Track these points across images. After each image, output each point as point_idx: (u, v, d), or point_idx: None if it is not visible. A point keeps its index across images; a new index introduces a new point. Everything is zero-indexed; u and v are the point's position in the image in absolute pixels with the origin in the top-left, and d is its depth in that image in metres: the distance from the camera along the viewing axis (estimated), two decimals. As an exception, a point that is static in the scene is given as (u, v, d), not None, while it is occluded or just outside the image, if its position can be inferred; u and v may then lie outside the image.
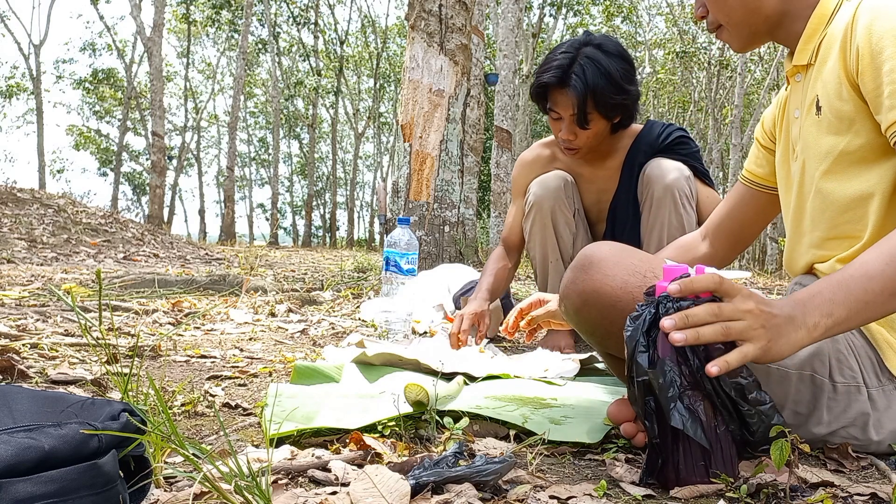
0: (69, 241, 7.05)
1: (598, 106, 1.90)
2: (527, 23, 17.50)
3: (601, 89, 1.87)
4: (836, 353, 1.09)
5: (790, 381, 1.08)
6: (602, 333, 1.15)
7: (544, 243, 2.14)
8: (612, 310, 1.09)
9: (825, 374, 1.08)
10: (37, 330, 2.01)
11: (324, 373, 1.52)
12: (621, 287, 1.09)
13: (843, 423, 1.09)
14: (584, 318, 1.15)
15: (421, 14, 4.22)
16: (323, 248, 15.54)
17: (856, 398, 1.09)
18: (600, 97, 1.88)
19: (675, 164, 1.96)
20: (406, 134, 4.29)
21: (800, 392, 1.08)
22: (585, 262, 1.12)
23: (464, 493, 0.86)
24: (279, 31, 22.52)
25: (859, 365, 1.10)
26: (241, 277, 3.75)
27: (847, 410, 1.09)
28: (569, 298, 1.15)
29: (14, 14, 25.59)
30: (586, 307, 1.12)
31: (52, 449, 0.64)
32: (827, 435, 1.10)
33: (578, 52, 1.89)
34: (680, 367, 0.91)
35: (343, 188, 28.07)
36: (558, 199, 2.10)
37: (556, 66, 1.89)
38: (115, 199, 22.97)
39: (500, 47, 9.60)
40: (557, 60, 1.90)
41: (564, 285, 1.17)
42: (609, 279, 1.09)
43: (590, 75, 1.86)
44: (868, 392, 1.09)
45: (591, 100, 1.88)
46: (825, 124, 1.12)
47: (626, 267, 1.10)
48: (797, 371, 1.08)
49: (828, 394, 1.08)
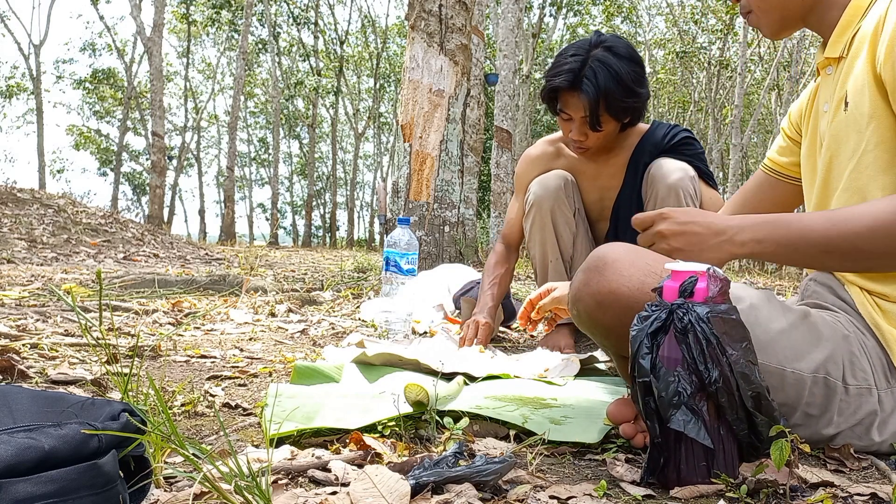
0: (69, 242, 7.05)
1: (610, 109, 1.90)
2: (527, 23, 17.49)
3: (613, 93, 1.87)
4: (850, 355, 1.09)
5: (805, 384, 1.07)
6: (617, 336, 1.10)
7: (544, 243, 2.15)
8: (629, 311, 1.04)
9: (839, 376, 1.08)
10: (37, 330, 2.01)
11: (324, 373, 1.52)
12: (638, 288, 1.06)
13: (851, 424, 1.09)
14: (599, 321, 1.11)
15: (421, 14, 4.22)
16: (323, 248, 15.54)
17: (866, 400, 1.08)
18: (612, 100, 1.88)
19: (680, 165, 1.96)
20: (406, 134, 4.29)
21: (813, 395, 1.08)
22: (599, 262, 1.09)
23: (464, 493, 0.86)
24: (279, 31, 22.51)
25: (871, 367, 1.10)
26: (241, 277, 3.75)
27: (857, 412, 1.09)
28: (582, 301, 1.11)
29: (14, 14, 25.58)
30: (601, 309, 1.08)
31: (52, 449, 0.64)
32: (834, 435, 1.10)
33: (589, 55, 1.89)
34: (690, 375, 0.90)
35: (343, 188, 28.07)
36: (558, 199, 2.11)
37: (567, 70, 1.90)
38: (115, 199, 22.97)
39: (500, 47, 9.59)
40: (568, 64, 1.90)
41: (576, 288, 1.12)
42: (626, 279, 1.06)
43: (601, 79, 1.86)
44: (878, 395, 1.09)
45: (604, 103, 1.89)
46: (852, 121, 1.11)
47: (641, 267, 1.07)
48: (812, 374, 1.07)
49: (840, 396, 1.08)
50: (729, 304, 0.93)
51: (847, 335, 1.11)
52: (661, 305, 0.94)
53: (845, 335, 1.11)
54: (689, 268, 0.95)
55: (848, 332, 1.11)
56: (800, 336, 1.08)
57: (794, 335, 1.08)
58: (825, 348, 1.08)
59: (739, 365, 0.90)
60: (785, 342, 1.06)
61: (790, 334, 1.08)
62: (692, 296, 0.93)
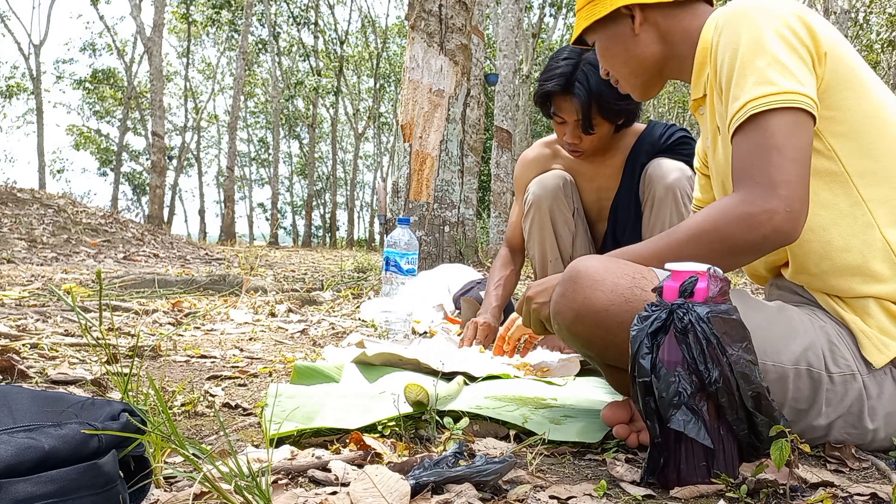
0: (69, 241, 7.05)
1: (602, 111, 1.91)
2: (527, 23, 17.50)
3: (605, 96, 1.88)
4: (829, 344, 1.11)
5: (788, 377, 1.08)
6: (599, 344, 1.13)
7: (543, 242, 2.15)
8: (605, 316, 1.08)
9: (821, 367, 1.09)
10: (37, 330, 2.01)
11: (324, 373, 1.52)
12: (612, 290, 1.08)
13: (840, 412, 1.10)
14: (579, 331, 1.13)
15: (421, 14, 4.22)
16: (323, 248, 15.54)
17: (851, 385, 1.10)
18: (604, 103, 1.89)
19: (677, 165, 1.97)
20: (406, 134, 4.29)
21: (799, 389, 1.09)
22: (574, 274, 1.12)
23: (464, 493, 0.86)
24: (279, 31, 22.52)
25: (851, 353, 1.11)
26: (241, 277, 3.75)
27: (844, 399, 1.10)
28: (561, 314, 1.14)
29: (14, 14, 25.60)
30: (579, 319, 1.11)
31: (52, 449, 0.64)
32: (826, 426, 1.11)
33: (581, 58, 1.90)
34: (691, 375, 0.90)
35: (343, 188, 28.06)
36: (557, 199, 2.11)
37: (559, 74, 1.91)
38: (115, 199, 22.98)
39: (500, 47, 9.60)
40: (560, 68, 1.91)
41: (555, 301, 1.15)
42: (599, 284, 1.09)
43: (593, 82, 1.87)
44: (862, 380, 1.10)
45: (596, 106, 1.90)
46: (727, 147, 1.17)
47: (613, 271, 1.10)
48: (793, 367, 1.08)
49: (826, 386, 1.09)
50: (729, 304, 0.93)
51: (823, 325, 1.13)
52: (662, 305, 0.94)
53: (821, 325, 1.13)
54: (689, 268, 0.95)
55: (823, 322, 1.14)
56: (777, 330, 1.10)
57: (772, 329, 1.10)
58: (803, 339, 1.10)
59: (740, 365, 0.90)
60: (762, 337, 1.07)
61: (768, 329, 1.09)
62: (692, 296, 0.93)
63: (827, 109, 1.11)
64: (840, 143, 1.11)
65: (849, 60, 1.12)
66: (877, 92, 1.14)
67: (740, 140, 1.10)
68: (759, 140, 1.07)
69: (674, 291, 0.94)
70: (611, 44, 1.32)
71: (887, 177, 1.11)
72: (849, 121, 1.11)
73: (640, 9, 1.27)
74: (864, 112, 1.12)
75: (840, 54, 1.11)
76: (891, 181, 1.12)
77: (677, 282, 0.95)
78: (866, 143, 1.11)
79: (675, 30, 1.27)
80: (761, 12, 1.10)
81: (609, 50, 1.33)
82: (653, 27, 1.28)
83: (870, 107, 1.12)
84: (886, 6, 14.76)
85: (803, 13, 1.11)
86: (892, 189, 1.12)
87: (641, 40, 1.29)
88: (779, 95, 1.06)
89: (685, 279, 0.94)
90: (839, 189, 1.12)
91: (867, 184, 1.11)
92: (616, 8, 1.28)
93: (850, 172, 1.11)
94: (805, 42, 1.09)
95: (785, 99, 1.06)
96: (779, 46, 1.07)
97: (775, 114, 1.06)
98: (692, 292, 0.93)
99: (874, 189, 1.11)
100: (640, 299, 1.06)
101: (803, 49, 1.08)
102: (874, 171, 1.11)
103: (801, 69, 1.07)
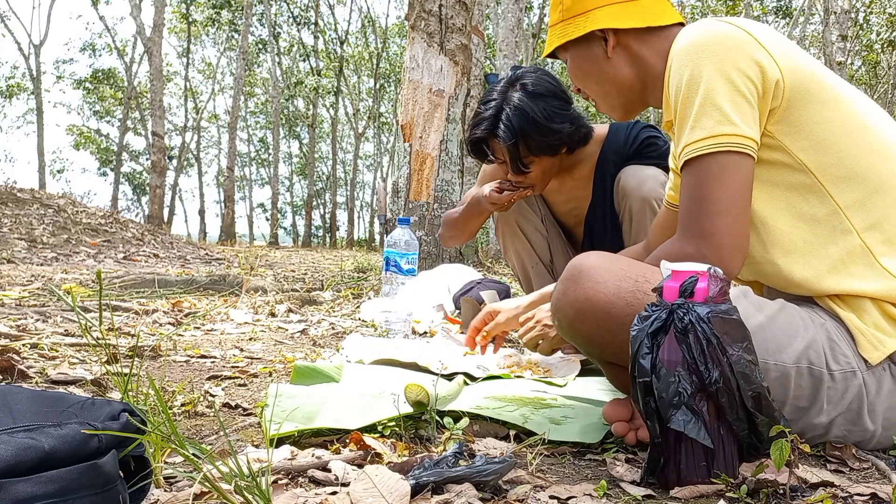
0: (69, 241, 7.05)
1: (532, 150, 1.90)
2: (527, 23, 17.50)
3: (530, 135, 1.87)
4: (829, 341, 1.11)
5: (790, 376, 1.08)
6: (600, 343, 1.15)
7: (518, 251, 2.15)
8: (606, 317, 1.09)
9: (822, 364, 1.09)
10: (37, 330, 2.01)
11: (324, 373, 1.52)
12: (614, 293, 1.09)
13: (841, 410, 1.10)
14: (580, 330, 1.14)
15: (421, 14, 4.22)
16: (323, 248, 15.54)
17: (852, 382, 1.10)
18: (531, 142, 1.88)
19: (650, 172, 1.94)
20: (406, 134, 4.29)
21: (800, 387, 1.09)
22: (575, 272, 1.13)
23: (464, 494, 0.86)
24: (279, 31, 22.53)
25: (850, 350, 1.12)
26: (241, 277, 3.75)
27: (844, 396, 1.10)
28: (562, 311, 1.14)
29: (14, 14, 25.58)
30: (580, 317, 1.12)
31: (52, 449, 0.64)
32: (826, 424, 1.11)
33: (505, 99, 1.89)
34: (691, 375, 0.90)
35: (343, 188, 28.05)
36: (519, 207, 2.11)
37: (483, 120, 1.91)
38: (115, 199, 22.97)
39: (500, 47, 9.60)
40: (484, 112, 1.92)
41: (556, 298, 1.16)
42: (601, 286, 1.09)
43: (516, 124, 1.86)
44: (862, 377, 1.10)
45: (523, 146, 1.89)
46: None
47: (616, 273, 1.10)
48: (794, 365, 1.09)
49: (827, 383, 1.09)
50: (729, 304, 0.93)
51: (823, 322, 1.13)
52: (662, 305, 0.94)
53: (821, 322, 1.13)
54: (689, 268, 0.95)
55: (823, 319, 1.14)
56: (778, 328, 1.10)
57: (773, 328, 1.10)
58: (804, 337, 1.10)
59: (740, 365, 0.90)
60: (765, 336, 1.08)
61: (769, 327, 1.10)
62: (692, 296, 0.93)
63: (791, 126, 1.12)
64: (809, 155, 1.12)
65: (812, 74, 1.13)
66: (846, 99, 1.14)
67: (683, 181, 1.14)
68: (693, 188, 1.11)
69: (674, 291, 0.94)
70: (583, 63, 1.35)
71: (860, 180, 1.12)
72: (816, 133, 1.12)
73: (613, 33, 1.29)
74: (832, 121, 1.13)
75: (800, 70, 1.12)
76: (864, 183, 1.12)
77: (677, 282, 0.94)
78: (836, 152, 1.12)
79: (646, 53, 1.29)
80: (704, 50, 1.11)
81: (581, 69, 1.35)
82: (625, 50, 1.30)
83: (837, 115, 1.13)
84: (886, 6, 14.77)
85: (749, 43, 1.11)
86: (867, 190, 1.12)
87: (615, 63, 1.31)
88: (710, 140, 1.08)
89: (685, 279, 0.94)
90: (815, 199, 1.13)
91: (841, 191, 1.12)
92: (590, 31, 1.30)
93: (822, 182, 1.12)
94: (749, 75, 1.09)
95: (717, 143, 1.08)
96: (717, 87, 1.09)
97: (707, 159, 1.09)
98: (692, 292, 0.93)
99: (849, 194, 1.12)
100: (642, 302, 1.06)
101: (747, 85, 1.09)
102: (847, 176, 1.12)
103: (739, 108, 1.08)
